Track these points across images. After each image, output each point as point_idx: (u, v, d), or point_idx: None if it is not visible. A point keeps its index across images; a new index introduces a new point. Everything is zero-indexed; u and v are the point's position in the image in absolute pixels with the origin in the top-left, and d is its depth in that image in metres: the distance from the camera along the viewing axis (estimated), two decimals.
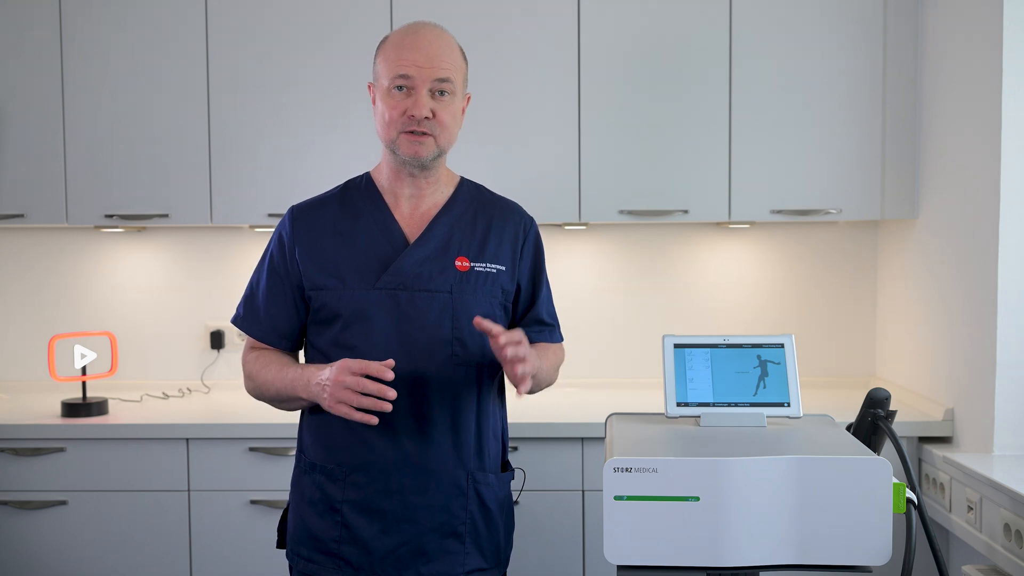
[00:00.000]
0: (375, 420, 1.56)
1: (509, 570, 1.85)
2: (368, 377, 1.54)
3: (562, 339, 1.87)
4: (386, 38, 1.71)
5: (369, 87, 1.74)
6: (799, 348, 2.73)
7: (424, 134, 1.65)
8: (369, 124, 2.49)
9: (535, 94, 2.66)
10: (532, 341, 1.77)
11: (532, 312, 1.79)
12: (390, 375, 1.53)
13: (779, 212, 2.66)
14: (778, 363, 1.41)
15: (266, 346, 1.78)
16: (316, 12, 2.67)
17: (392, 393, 1.53)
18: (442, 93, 1.66)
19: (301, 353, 1.81)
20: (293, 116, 2.69)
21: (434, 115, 1.65)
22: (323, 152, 2.69)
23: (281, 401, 1.72)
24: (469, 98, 1.77)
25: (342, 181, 1.83)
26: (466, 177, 1.84)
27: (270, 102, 2.69)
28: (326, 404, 1.58)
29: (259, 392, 1.75)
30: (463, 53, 1.72)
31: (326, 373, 1.59)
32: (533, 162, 2.66)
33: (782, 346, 1.42)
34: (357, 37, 2.65)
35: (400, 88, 1.65)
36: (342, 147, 2.68)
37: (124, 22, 2.69)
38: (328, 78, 2.67)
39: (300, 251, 1.72)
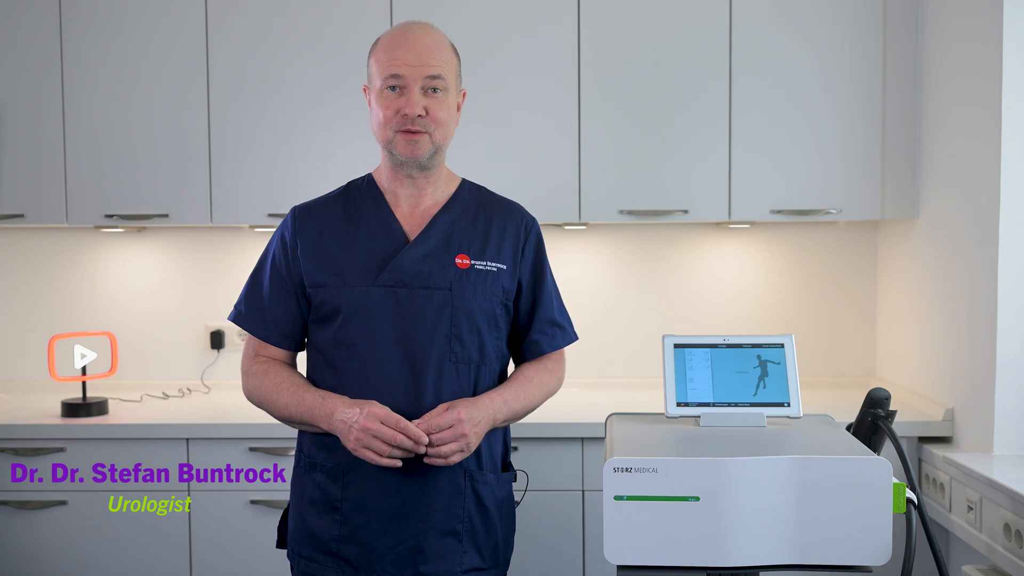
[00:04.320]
0: (399, 463, 1.59)
1: (509, 570, 1.85)
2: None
3: (575, 338, 1.85)
4: (377, 40, 1.73)
5: (364, 89, 1.76)
6: (799, 348, 2.73)
7: (419, 132, 1.66)
8: (369, 124, 2.49)
9: (535, 94, 2.66)
10: (542, 349, 1.79)
11: (541, 313, 1.79)
12: (424, 440, 1.58)
13: (779, 212, 2.66)
14: (778, 363, 1.41)
15: (268, 352, 1.76)
16: (316, 12, 2.67)
17: (421, 448, 1.59)
18: (435, 90, 1.66)
19: (300, 357, 1.81)
20: (293, 116, 2.69)
21: (428, 112, 1.66)
22: (323, 152, 2.69)
23: (292, 423, 1.71)
24: (465, 94, 1.78)
25: (342, 181, 1.84)
26: (466, 178, 1.84)
27: (270, 102, 2.69)
28: (350, 446, 1.59)
29: (265, 408, 1.73)
30: (455, 49, 1.73)
31: (352, 413, 1.59)
32: (533, 162, 2.66)
33: (782, 346, 1.42)
34: (357, 37, 2.65)
35: (393, 88, 1.66)
36: (342, 147, 2.68)
37: (124, 22, 2.69)
38: (328, 78, 2.67)
39: (302, 249, 1.72)
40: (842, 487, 1.16)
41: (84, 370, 2.70)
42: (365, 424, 1.56)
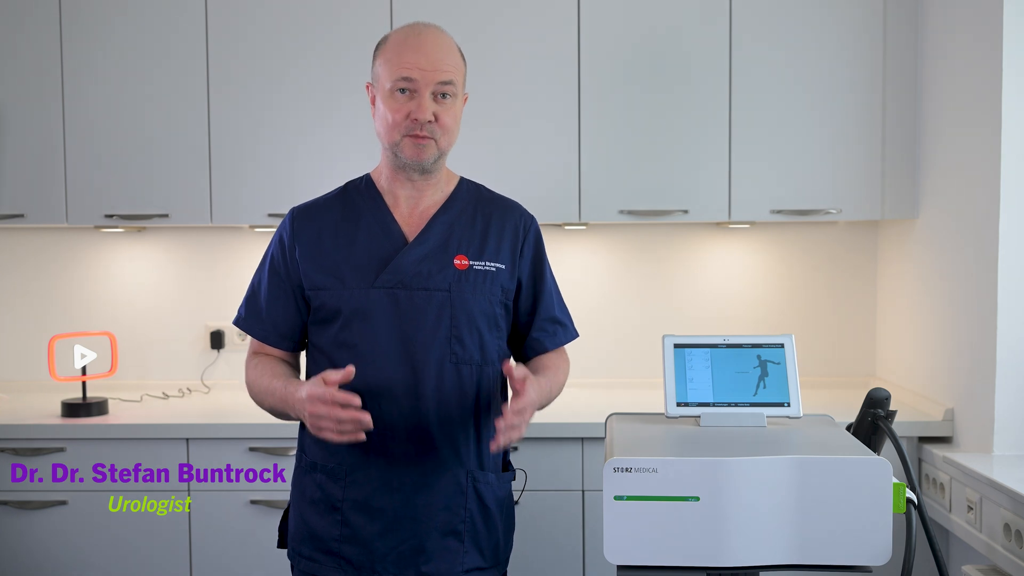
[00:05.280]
0: (363, 437, 1.55)
1: (509, 570, 1.85)
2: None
3: (576, 335, 1.86)
4: (386, 38, 1.71)
5: (367, 87, 1.74)
6: (799, 348, 2.73)
7: (427, 137, 1.65)
8: (369, 124, 2.49)
9: (535, 94, 2.66)
10: (544, 347, 1.79)
11: (543, 310, 1.79)
12: (357, 400, 1.52)
13: (779, 212, 2.66)
14: (778, 363, 1.41)
15: (267, 351, 1.77)
16: (316, 12, 2.67)
17: (366, 417, 1.51)
18: (444, 96, 1.66)
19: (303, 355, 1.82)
20: (293, 116, 2.69)
21: (436, 118, 1.65)
22: (323, 152, 2.69)
23: (278, 414, 1.71)
24: (467, 98, 1.77)
25: (342, 181, 1.83)
26: (465, 177, 1.84)
27: (270, 102, 2.69)
28: (312, 431, 1.58)
29: (259, 402, 1.74)
30: (462, 54, 1.72)
31: (301, 394, 1.57)
32: (533, 162, 2.66)
33: (782, 346, 1.42)
34: (357, 37, 2.65)
35: (403, 91, 1.64)
36: (342, 147, 2.68)
37: (124, 22, 2.69)
38: (328, 78, 2.67)
39: (300, 251, 1.72)
40: (842, 487, 1.16)
41: (84, 370, 2.70)
42: (311, 409, 1.54)
